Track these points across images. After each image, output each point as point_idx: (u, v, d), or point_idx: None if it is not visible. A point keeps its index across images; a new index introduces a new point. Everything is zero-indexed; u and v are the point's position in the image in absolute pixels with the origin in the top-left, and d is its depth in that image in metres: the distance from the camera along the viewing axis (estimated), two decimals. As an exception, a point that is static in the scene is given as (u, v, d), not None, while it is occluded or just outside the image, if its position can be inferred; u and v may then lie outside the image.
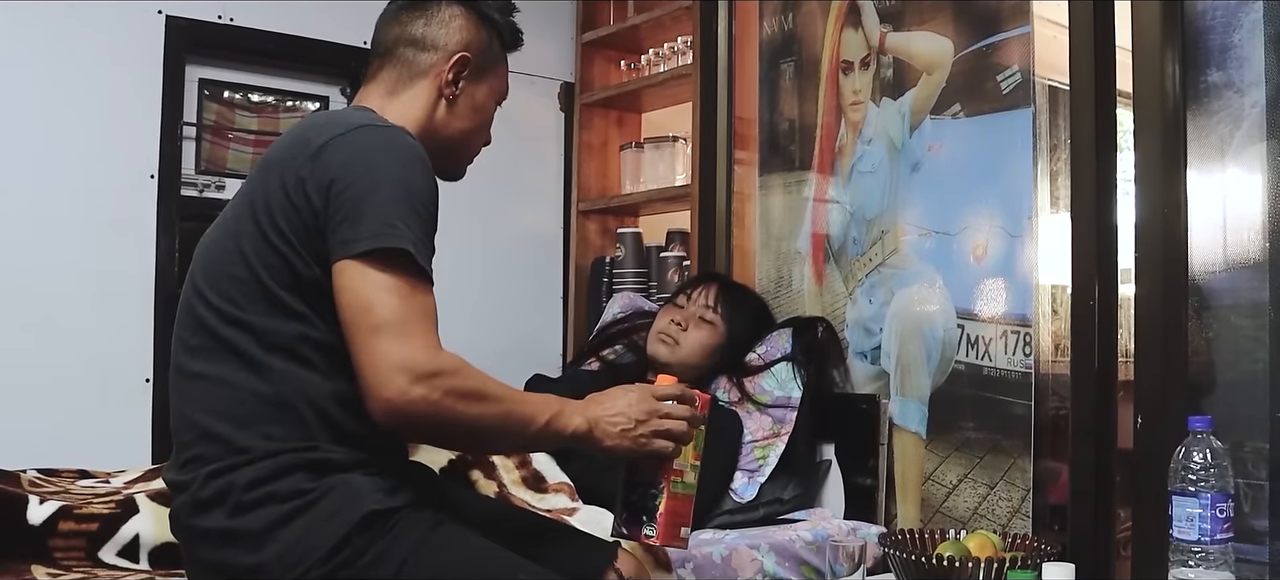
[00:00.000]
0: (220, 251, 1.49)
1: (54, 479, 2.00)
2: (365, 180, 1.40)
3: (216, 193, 3.07)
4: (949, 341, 2.44)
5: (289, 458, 1.39)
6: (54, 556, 1.71)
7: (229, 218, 1.51)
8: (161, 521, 1.77)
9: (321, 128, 1.48)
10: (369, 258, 1.36)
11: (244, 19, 3.03)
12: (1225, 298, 2.01)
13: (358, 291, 1.36)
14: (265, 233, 1.43)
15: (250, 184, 1.51)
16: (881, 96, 2.65)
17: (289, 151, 1.47)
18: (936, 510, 2.43)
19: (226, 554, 1.40)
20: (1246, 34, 1.98)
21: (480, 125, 1.71)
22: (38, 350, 2.70)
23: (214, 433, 1.41)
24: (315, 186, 1.41)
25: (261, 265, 1.43)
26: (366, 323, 1.35)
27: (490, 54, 1.69)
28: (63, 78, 2.77)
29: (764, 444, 2.48)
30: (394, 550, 1.38)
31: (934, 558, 1.82)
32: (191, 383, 1.46)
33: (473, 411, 1.40)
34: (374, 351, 1.35)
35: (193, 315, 1.48)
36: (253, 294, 1.43)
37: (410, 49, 1.65)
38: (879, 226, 2.62)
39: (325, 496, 1.38)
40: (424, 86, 1.64)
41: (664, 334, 2.56)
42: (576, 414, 1.52)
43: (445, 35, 1.65)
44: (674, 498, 1.58)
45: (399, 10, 1.68)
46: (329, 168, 1.41)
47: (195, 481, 1.41)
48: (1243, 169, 1.99)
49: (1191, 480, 1.68)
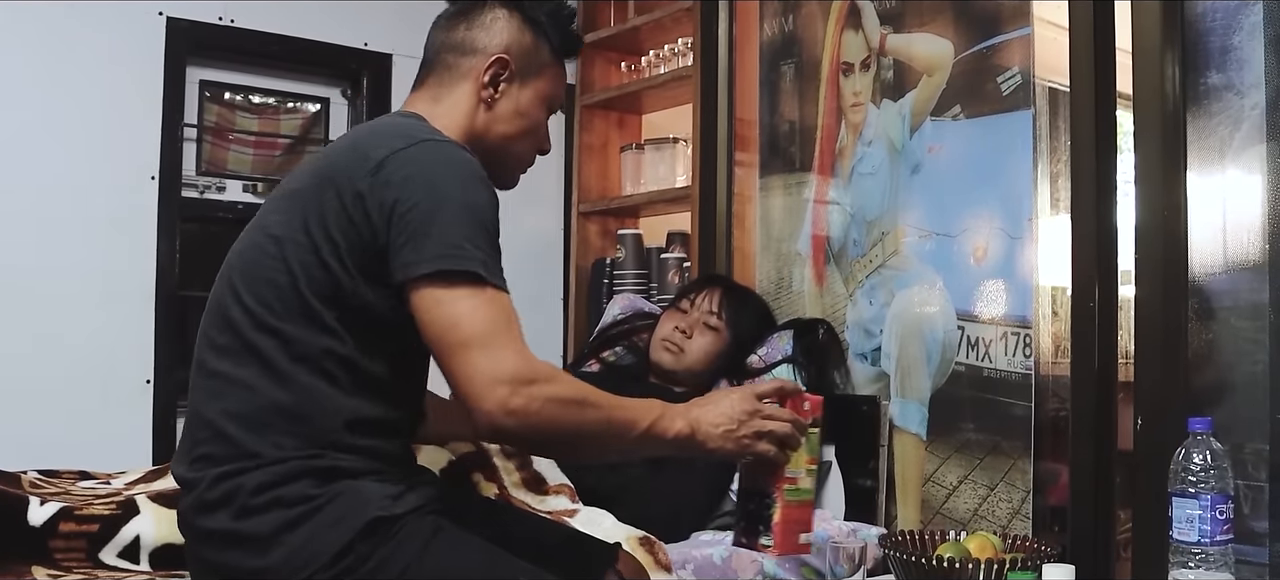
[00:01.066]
0: (260, 255, 1.47)
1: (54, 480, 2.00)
2: (430, 200, 1.40)
3: (217, 194, 3.07)
4: (949, 343, 2.44)
5: (297, 464, 1.39)
6: (54, 557, 1.70)
7: (272, 222, 1.49)
8: (162, 523, 1.77)
9: (380, 140, 1.47)
10: (443, 278, 1.36)
11: (244, 20, 3.03)
12: (1225, 299, 2.01)
13: (439, 312, 1.37)
14: (316, 244, 1.42)
15: (300, 192, 1.48)
16: (882, 98, 2.65)
17: (346, 164, 1.45)
18: (937, 511, 2.43)
19: (231, 556, 1.40)
20: (1246, 36, 1.99)
21: (525, 130, 1.68)
22: (38, 351, 2.71)
23: (227, 434, 1.41)
24: (376, 204, 1.40)
25: (304, 276, 1.42)
26: (454, 340, 1.36)
27: (536, 57, 1.67)
28: (63, 79, 2.77)
29: (764, 445, 2.48)
30: (397, 556, 1.39)
31: (934, 559, 1.82)
32: (212, 381, 1.46)
33: (573, 417, 1.41)
34: (466, 366, 1.35)
35: (223, 315, 1.48)
36: (289, 302, 1.43)
37: (452, 54, 1.64)
38: (879, 228, 2.62)
39: (331, 502, 1.38)
40: (465, 90, 1.63)
41: (668, 341, 2.55)
42: (678, 417, 1.51)
43: (486, 38, 1.64)
44: (789, 506, 1.56)
45: (446, 17, 1.68)
46: (390, 186, 1.40)
47: (203, 481, 1.42)
48: (1242, 171, 1.99)
49: (1191, 482, 1.68)
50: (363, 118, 3.24)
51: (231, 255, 1.55)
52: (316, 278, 1.42)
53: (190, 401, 1.51)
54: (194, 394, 1.50)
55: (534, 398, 1.36)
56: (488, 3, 1.66)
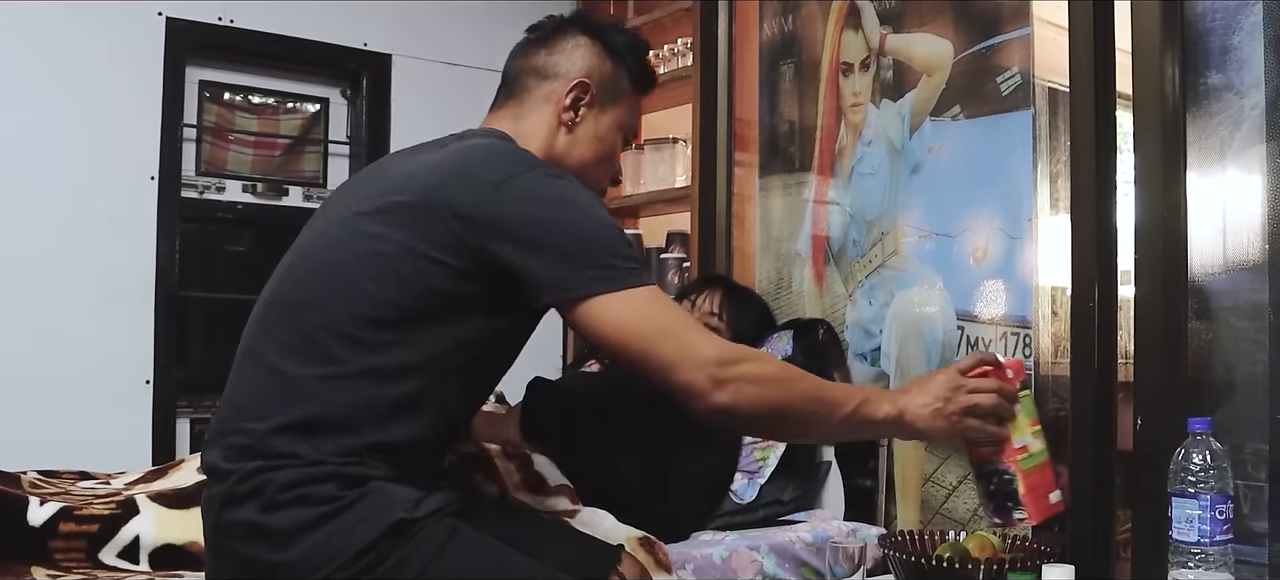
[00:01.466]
0: (345, 256, 1.47)
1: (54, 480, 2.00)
2: (569, 220, 1.45)
3: (217, 194, 3.08)
4: (949, 343, 2.44)
5: (331, 468, 1.39)
6: (54, 558, 1.70)
7: (364, 227, 1.48)
8: (162, 523, 1.77)
9: (488, 164, 1.49)
10: (612, 288, 1.42)
11: (244, 20, 3.03)
12: (1225, 299, 2.01)
13: (620, 319, 1.42)
14: (409, 259, 1.43)
15: (403, 206, 1.47)
16: (881, 98, 2.65)
17: (456, 186, 1.46)
18: (936, 512, 2.43)
19: (253, 549, 1.40)
20: (1246, 36, 1.99)
21: (602, 156, 1.71)
22: (38, 351, 2.71)
23: (271, 431, 1.40)
24: (495, 232, 1.43)
25: (398, 288, 1.42)
26: (646, 338, 1.42)
27: (615, 86, 1.70)
28: (63, 79, 2.77)
29: (764, 446, 2.48)
30: (415, 557, 1.39)
31: (934, 559, 1.82)
32: (269, 376, 1.45)
33: (783, 394, 1.46)
34: (669, 358, 1.41)
35: (289, 310, 1.47)
36: (372, 311, 1.43)
37: (532, 78, 1.68)
38: (879, 228, 2.62)
39: (358, 502, 1.39)
40: (545, 113, 1.66)
41: None
42: (885, 401, 1.52)
43: (567, 63, 1.67)
44: (1028, 474, 1.57)
45: (526, 42, 1.72)
46: (513, 221, 1.43)
47: (235, 474, 1.41)
48: (1242, 171, 1.99)
49: (1191, 482, 1.68)
50: (363, 118, 3.24)
51: (308, 252, 1.54)
52: (413, 293, 1.43)
53: (233, 390, 1.49)
54: (241, 383, 1.49)
55: (743, 375, 1.42)
56: (569, 30, 1.70)
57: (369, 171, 1.68)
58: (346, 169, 3.28)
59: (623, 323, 1.42)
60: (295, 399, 1.42)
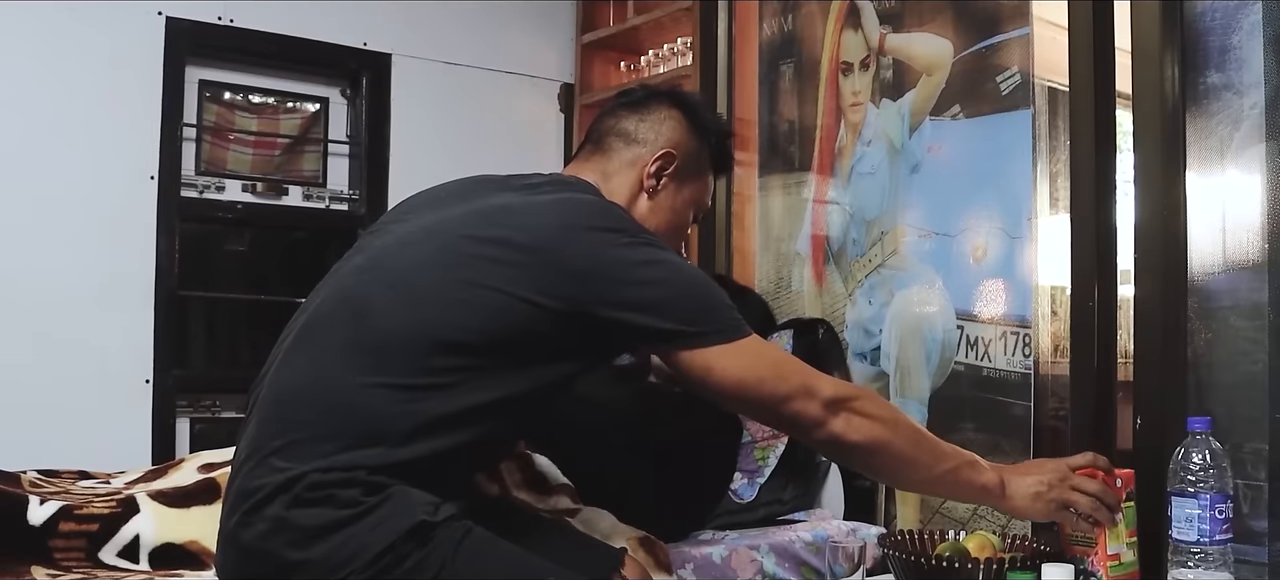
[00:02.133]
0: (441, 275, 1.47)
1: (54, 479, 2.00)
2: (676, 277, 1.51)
3: (216, 194, 3.07)
4: (948, 343, 2.44)
5: (361, 475, 1.39)
6: (54, 557, 1.70)
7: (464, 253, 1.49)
8: (162, 522, 1.77)
9: (603, 219, 1.54)
10: (724, 338, 1.50)
11: (244, 20, 3.03)
12: (1224, 299, 2.01)
13: (733, 367, 1.50)
14: (506, 299, 1.44)
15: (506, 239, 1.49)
16: (881, 98, 2.65)
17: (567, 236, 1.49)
18: (936, 511, 2.43)
19: (273, 543, 1.40)
20: (1246, 35, 1.99)
21: (675, 227, 1.76)
22: (38, 351, 2.71)
23: (324, 434, 1.40)
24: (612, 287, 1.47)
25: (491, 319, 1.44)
26: (767, 381, 1.51)
27: (697, 162, 1.77)
28: (63, 79, 2.78)
29: (764, 445, 2.48)
30: (431, 559, 1.40)
31: (933, 558, 1.82)
32: (326, 373, 1.44)
33: (888, 432, 1.55)
34: (791, 398, 1.51)
35: (370, 316, 1.46)
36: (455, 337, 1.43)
37: (619, 140, 1.73)
38: (878, 228, 2.62)
39: (380, 506, 1.39)
40: (630, 177, 1.72)
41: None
42: (990, 470, 1.62)
43: (656, 132, 1.73)
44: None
45: (618, 106, 1.77)
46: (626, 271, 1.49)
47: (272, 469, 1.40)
48: (1242, 170, 1.99)
49: (1190, 481, 1.69)
50: (362, 118, 3.24)
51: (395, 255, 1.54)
52: (505, 329, 1.44)
53: (284, 379, 1.48)
54: (294, 374, 1.47)
55: (856, 408, 1.52)
56: (663, 101, 1.76)
57: (457, 191, 1.67)
58: (346, 169, 3.28)
59: (743, 370, 1.50)
60: (350, 403, 1.41)
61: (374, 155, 3.23)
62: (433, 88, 3.28)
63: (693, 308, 1.50)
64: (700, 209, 1.81)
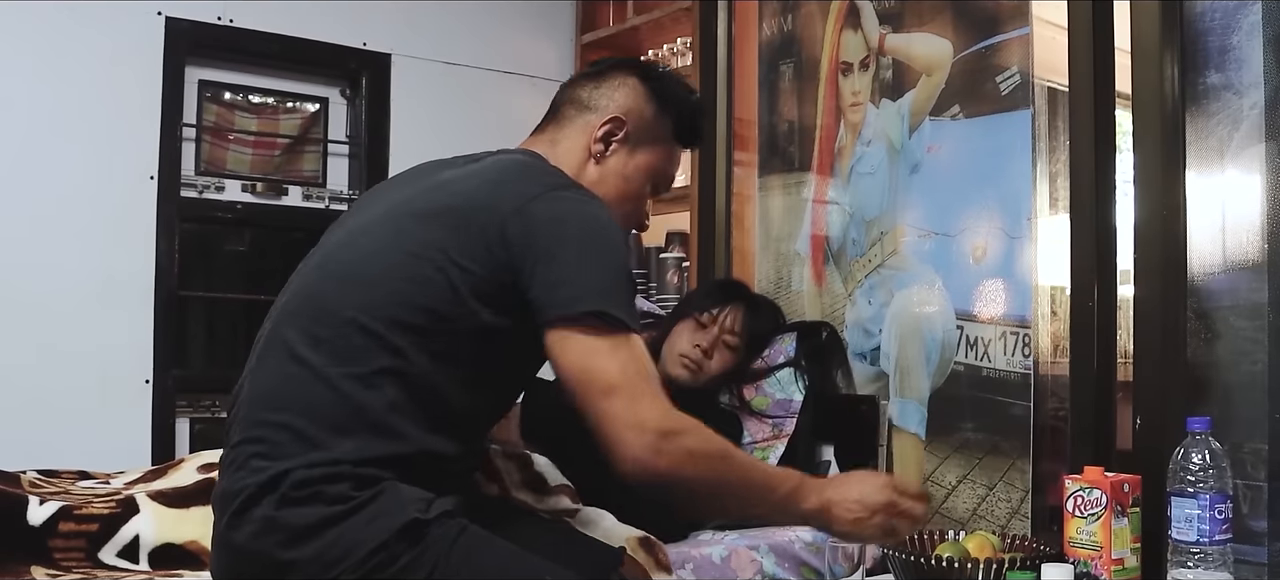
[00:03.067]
0: (385, 258, 1.48)
1: (54, 480, 2.00)
2: (578, 245, 1.45)
3: (216, 194, 3.07)
4: (948, 343, 2.44)
5: (347, 468, 1.39)
6: (54, 557, 1.70)
7: (406, 230, 1.50)
8: (162, 522, 1.77)
9: (528, 179, 1.52)
10: (589, 323, 1.42)
11: (243, 20, 3.03)
12: (1224, 299, 2.01)
13: (582, 355, 1.42)
14: (444, 267, 1.44)
15: (436, 215, 1.49)
16: (881, 98, 2.65)
17: (489, 199, 1.48)
18: (936, 511, 2.43)
19: (263, 543, 1.40)
20: (1245, 35, 1.99)
21: (626, 195, 1.71)
22: (37, 351, 2.71)
23: (299, 429, 1.41)
24: (520, 243, 1.44)
25: (430, 294, 1.44)
26: (598, 384, 1.41)
27: (653, 130, 1.71)
28: (63, 79, 2.77)
29: (764, 446, 2.48)
30: (425, 557, 1.39)
31: (933, 559, 1.82)
32: (297, 368, 1.45)
33: (717, 470, 1.47)
34: (612, 412, 1.41)
35: (324, 304, 1.47)
36: (404, 315, 1.43)
37: (574, 107, 1.71)
38: (878, 228, 2.62)
39: (371, 502, 1.39)
40: (578, 143, 1.68)
41: (687, 359, 2.47)
42: (814, 493, 1.54)
43: (609, 99, 1.70)
44: None
45: (578, 76, 1.76)
46: (537, 229, 1.45)
47: (255, 469, 1.41)
48: (1241, 170, 2.00)
49: (1190, 481, 1.69)
50: (362, 118, 3.24)
51: (348, 245, 1.54)
52: (444, 301, 1.44)
53: (257, 382, 1.49)
54: (265, 375, 1.49)
55: (680, 448, 1.42)
56: (622, 70, 1.73)
57: (406, 177, 1.68)
58: (346, 169, 3.28)
59: (586, 361, 1.42)
60: (321, 397, 1.42)
61: (374, 155, 3.23)
62: (432, 88, 3.28)
63: (572, 272, 1.44)
64: (659, 179, 1.75)
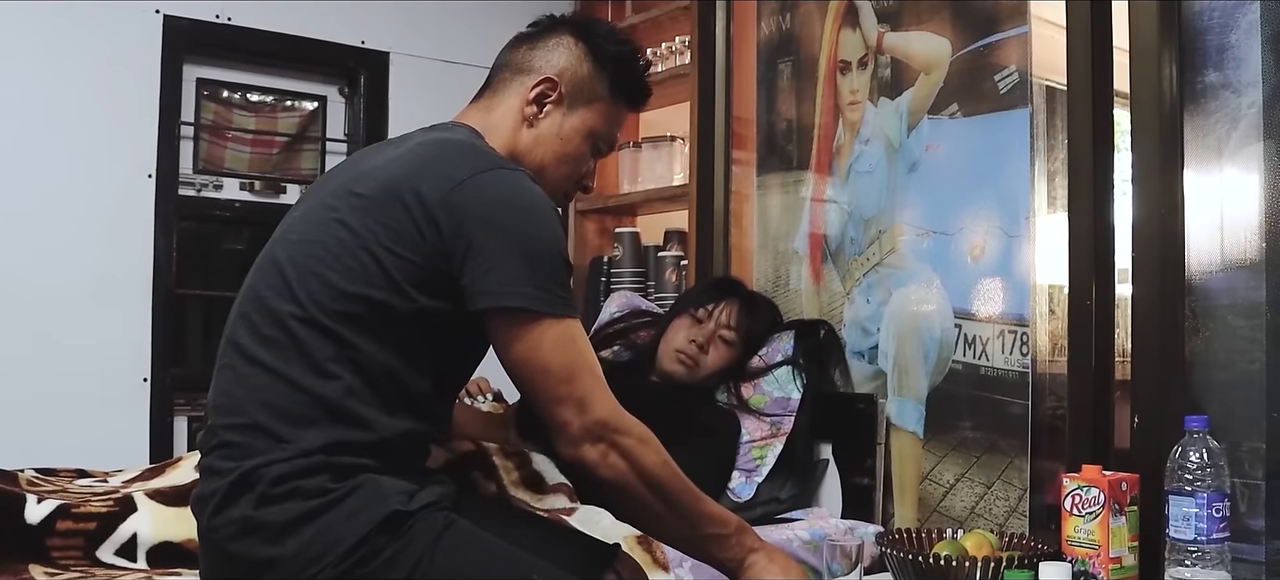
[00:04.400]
0: (315, 249, 1.47)
1: (52, 478, 2.00)
2: (513, 230, 1.44)
3: (214, 192, 3.07)
4: (946, 341, 2.44)
5: (320, 460, 1.40)
6: (52, 556, 1.70)
7: (332, 218, 1.49)
8: (160, 520, 1.77)
9: (457, 160, 1.49)
10: (530, 311, 1.43)
11: (242, 19, 3.03)
12: (1222, 298, 2.01)
13: (528, 343, 1.43)
14: (372, 250, 1.43)
15: (369, 199, 1.48)
16: (879, 96, 2.65)
17: (418, 180, 1.46)
18: (934, 509, 2.43)
19: (246, 544, 1.40)
20: (1244, 34, 1.99)
21: (562, 156, 1.67)
22: (35, 350, 2.71)
23: (263, 426, 1.41)
24: (453, 226, 1.43)
25: (366, 282, 1.43)
26: (546, 377, 1.44)
27: (589, 88, 1.67)
28: (61, 77, 2.77)
29: (762, 444, 2.48)
30: (408, 551, 1.39)
31: (931, 557, 1.82)
32: (252, 369, 1.45)
33: (645, 483, 1.49)
34: (552, 401, 1.45)
35: (267, 304, 1.47)
36: (343, 304, 1.43)
37: (509, 71, 1.68)
38: (876, 226, 2.62)
39: (350, 496, 1.39)
40: (512, 106, 1.65)
41: (683, 354, 2.49)
42: (736, 547, 1.56)
43: (544, 60, 1.66)
44: None
45: (515, 39, 1.71)
46: (466, 215, 1.43)
47: (226, 472, 1.41)
48: (1240, 169, 2.00)
49: (1188, 480, 1.69)
50: (360, 116, 3.24)
51: (282, 244, 1.53)
52: (378, 285, 1.43)
53: (218, 388, 1.49)
54: (225, 381, 1.49)
55: (616, 446, 1.46)
56: (558, 29, 1.69)
57: (338, 168, 1.68)
58: (344, 167, 3.28)
59: (540, 349, 1.43)
60: (279, 393, 1.42)
61: (372, 154, 3.22)
62: (431, 86, 3.28)
63: (522, 260, 1.43)
64: (599, 139, 1.71)
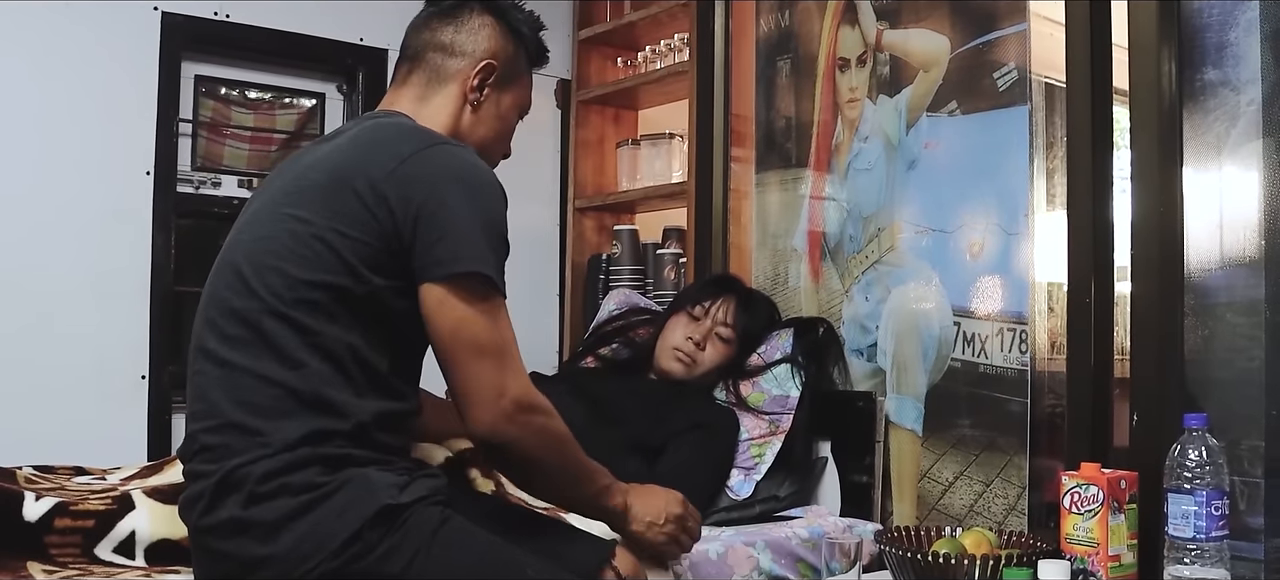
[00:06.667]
0: (271, 244, 1.50)
1: (50, 475, 2.00)
2: (455, 203, 1.48)
3: (212, 189, 3.07)
4: (945, 339, 2.44)
5: (306, 452, 1.41)
6: (50, 553, 1.70)
7: (283, 212, 1.52)
8: (158, 518, 1.76)
9: (400, 139, 1.53)
10: (462, 283, 1.46)
11: (240, 16, 3.02)
12: (1221, 295, 2.01)
13: (454, 314, 1.46)
14: (325, 237, 1.46)
15: (320, 187, 1.52)
16: (878, 94, 2.65)
17: (364, 162, 1.50)
18: (932, 507, 2.43)
19: (238, 544, 1.40)
20: (1243, 32, 1.99)
21: (501, 134, 1.76)
22: (34, 347, 2.70)
23: (238, 423, 1.42)
24: (400, 202, 1.46)
25: (321, 268, 1.45)
26: (466, 345, 1.47)
27: (516, 65, 1.76)
28: (59, 74, 2.77)
29: (761, 442, 2.48)
30: (404, 545, 1.40)
31: (930, 555, 1.82)
32: (222, 370, 1.47)
33: (556, 453, 1.57)
34: (476, 373, 1.47)
35: (231, 305, 1.49)
36: (304, 292, 1.45)
37: (439, 54, 1.71)
38: (875, 224, 2.62)
39: (340, 490, 1.40)
40: (451, 91, 1.70)
41: (680, 352, 2.51)
42: (619, 494, 1.70)
43: (474, 42, 1.71)
44: None
45: (430, 17, 1.74)
46: (415, 185, 1.47)
47: (211, 473, 1.42)
48: (1239, 167, 2.00)
49: (1187, 478, 1.69)
50: (358, 113, 3.24)
51: (236, 246, 1.56)
52: (333, 270, 1.45)
53: (196, 390, 1.51)
54: (201, 383, 1.50)
55: (532, 424, 1.51)
56: (472, 8, 1.74)
57: (281, 168, 1.71)
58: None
59: (468, 324, 1.47)
60: (250, 388, 1.44)
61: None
62: (429, 83, 3.27)
63: (448, 230, 1.47)
64: (523, 110, 1.81)
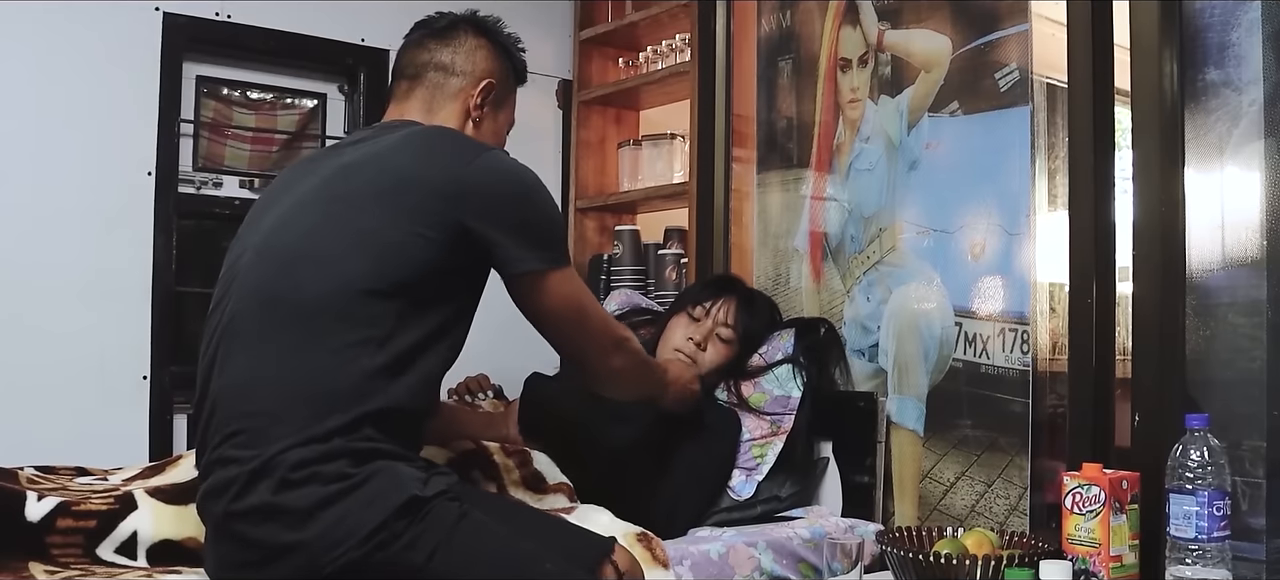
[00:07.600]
0: (325, 240, 1.55)
1: (52, 476, 2.00)
2: (531, 201, 1.67)
3: (214, 190, 3.07)
4: (946, 339, 2.44)
5: (340, 444, 1.44)
6: (52, 554, 1.70)
7: (337, 211, 1.58)
8: (160, 518, 1.77)
9: (454, 146, 1.67)
10: (558, 266, 1.67)
11: (241, 16, 3.02)
12: (1223, 296, 2.01)
13: (565, 293, 1.69)
14: (393, 237, 1.53)
15: (367, 184, 1.59)
16: (879, 94, 2.65)
17: (427, 164, 1.60)
18: (934, 508, 2.43)
19: (268, 529, 1.43)
20: (1244, 32, 1.99)
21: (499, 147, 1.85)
22: (35, 348, 2.70)
23: (276, 412, 1.45)
24: (475, 203, 1.58)
25: (385, 266, 1.52)
26: (580, 313, 1.73)
27: (507, 85, 1.90)
28: (60, 75, 2.77)
29: (762, 442, 2.48)
30: (427, 537, 1.44)
31: (931, 555, 1.82)
32: (259, 358, 1.51)
33: (643, 369, 1.99)
34: (595, 333, 1.78)
35: (274, 294, 1.53)
36: (363, 286, 1.50)
37: (439, 73, 1.81)
38: (877, 224, 2.62)
39: (368, 481, 1.44)
40: (455, 109, 1.81)
41: (681, 353, 2.49)
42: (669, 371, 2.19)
43: (471, 62, 1.82)
44: None
45: (425, 38, 1.85)
46: (488, 190, 1.61)
47: (244, 460, 1.45)
48: (1240, 167, 2.00)
49: (1189, 478, 1.69)
50: (360, 114, 3.24)
51: (278, 238, 1.60)
52: (400, 270, 1.52)
53: (226, 380, 1.53)
54: (234, 372, 1.52)
55: (631, 350, 1.87)
56: (466, 29, 1.85)
57: (311, 162, 1.77)
58: (344, 165, 3.27)
59: (566, 296, 1.70)
60: (295, 379, 1.47)
61: (372, 151, 3.22)
62: (430, 84, 3.27)
63: (535, 227, 1.65)
64: (511, 125, 1.95)
